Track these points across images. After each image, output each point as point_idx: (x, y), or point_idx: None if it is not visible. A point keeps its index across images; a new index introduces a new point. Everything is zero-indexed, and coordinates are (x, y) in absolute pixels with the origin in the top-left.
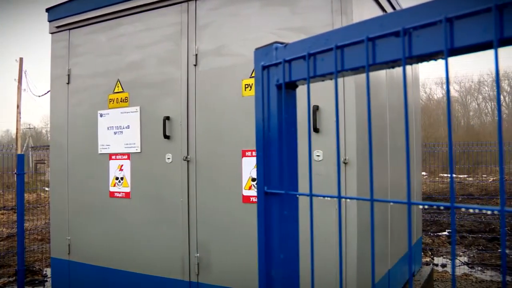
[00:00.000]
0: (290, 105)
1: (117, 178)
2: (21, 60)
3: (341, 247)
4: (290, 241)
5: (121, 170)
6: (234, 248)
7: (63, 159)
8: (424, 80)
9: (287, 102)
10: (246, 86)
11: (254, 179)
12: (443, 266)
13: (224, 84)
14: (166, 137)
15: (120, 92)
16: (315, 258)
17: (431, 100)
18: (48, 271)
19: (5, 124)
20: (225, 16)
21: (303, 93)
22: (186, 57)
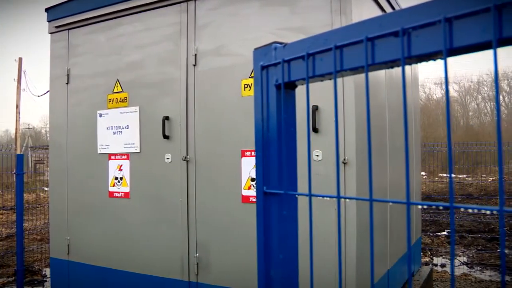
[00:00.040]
0: (289, 105)
1: (116, 178)
2: (20, 60)
3: (340, 247)
4: (289, 241)
5: (120, 170)
6: (233, 248)
7: (63, 159)
8: (423, 80)
9: (286, 102)
10: (246, 86)
11: (253, 179)
12: (443, 266)
13: (224, 84)
14: (166, 137)
15: (120, 92)
16: (314, 258)
17: (431, 100)
18: (48, 271)
19: (5, 124)
20: (225, 16)
21: (302, 93)
22: (186, 57)
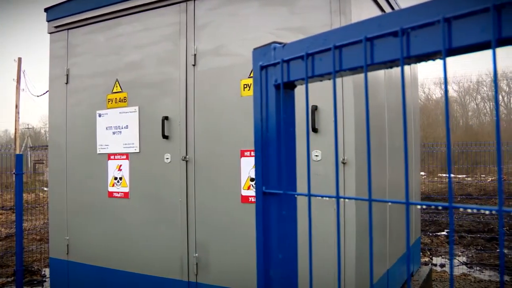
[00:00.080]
0: (288, 105)
1: (115, 178)
2: (19, 60)
3: (340, 247)
4: (288, 241)
5: (119, 170)
6: (232, 248)
7: (62, 159)
8: (422, 80)
9: (286, 102)
10: (245, 86)
11: (252, 179)
12: (442, 266)
13: (223, 84)
14: (165, 137)
15: (119, 92)
16: (313, 258)
17: (430, 100)
18: (47, 271)
19: (4, 124)
20: (224, 16)
21: (301, 93)
22: (185, 57)
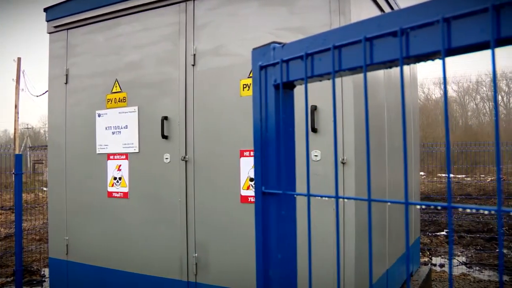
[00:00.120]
0: (287, 105)
1: (115, 178)
2: (19, 60)
3: (339, 247)
4: (287, 241)
5: (119, 170)
6: (232, 248)
7: (61, 159)
8: (422, 80)
9: (285, 102)
10: (244, 86)
11: (252, 179)
12: (441, 266)
13: (222, 84)
14: (164, 137)
15: (118, 92)
16: (313, 258)
17: (429, 100)
18: (46, 271)
19: (3, 124)
20: (223, 16)
21: (301, 93)
22: (184, 57)
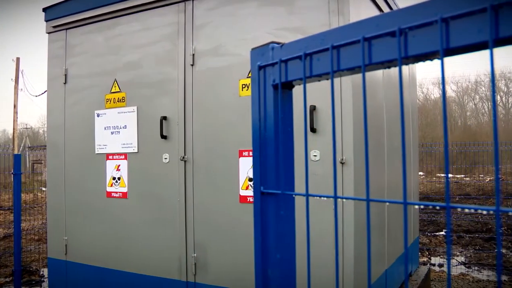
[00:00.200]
0: (286, 105)
1: (114, 178)
2: (18, 60)
3: (338, 247)
4: (286, 241)
5: (118, 170)
6: (231, 248)
7: (60, 159)
8: (421, 80)
9: (284, 102)
10: (243, 86)
11: (251, 179)
12: (440, 266)
13: (221, 84)
14: (163, 137)
15: (117, 92)
16: (312, 258)
17: (428, 100)
18: (45, 271)
19: (2, 124)
20: (222, 16)
21: (300, 93)
22: (183, 57)
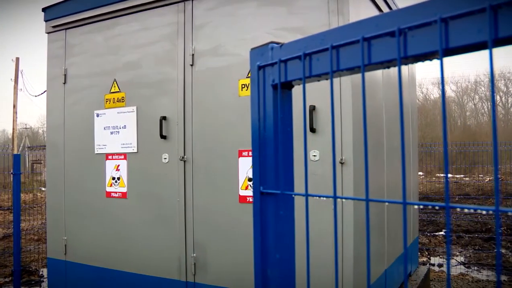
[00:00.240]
0: (286, 105)
1: (113, 178)
2: (17, 60)
3: (337, 247)
4: (286, 241)
5: (117, 170)
6: (230, 248)
7: (60, 159)
8: (421, 80)
9: (283, 102)
10: (243, 86)
11: (250, 179)
12: (440, 266)
13: (221, 84)
14: (163, 137)
15: (117, 92)
16: (311, 258)
17: (428, 100)
18: (45, 272)
19: (2, 124)
20: (222, 16)
21: (299, 93)
22: (183, 57)
